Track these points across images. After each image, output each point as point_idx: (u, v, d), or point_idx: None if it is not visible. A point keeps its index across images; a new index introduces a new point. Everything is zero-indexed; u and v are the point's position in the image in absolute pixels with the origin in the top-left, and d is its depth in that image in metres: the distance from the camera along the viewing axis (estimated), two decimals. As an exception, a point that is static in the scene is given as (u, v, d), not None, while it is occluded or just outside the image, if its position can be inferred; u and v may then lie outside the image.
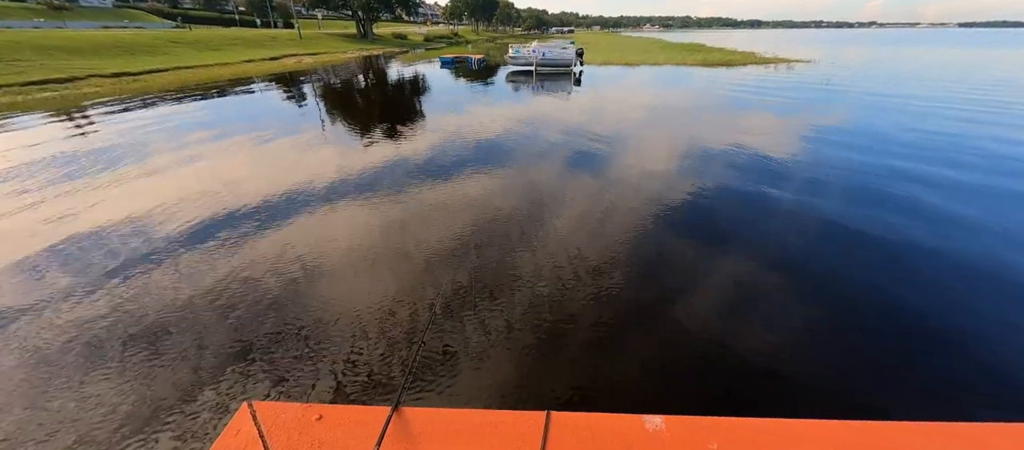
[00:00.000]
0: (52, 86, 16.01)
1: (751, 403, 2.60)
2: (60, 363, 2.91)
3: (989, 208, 5.32)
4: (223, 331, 3.18)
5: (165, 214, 5.24)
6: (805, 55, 31.32)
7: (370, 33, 50.58)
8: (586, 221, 4.98)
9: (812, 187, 6.06)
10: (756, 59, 26.78)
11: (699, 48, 35.65)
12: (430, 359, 2.87)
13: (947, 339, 3.11)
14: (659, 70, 22.45)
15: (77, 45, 22.08)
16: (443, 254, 4.26)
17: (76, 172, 6.82)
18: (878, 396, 2.63)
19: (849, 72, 21.00)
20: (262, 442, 1.36)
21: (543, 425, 1.41)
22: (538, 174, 6.72)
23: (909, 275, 3.90)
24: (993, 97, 13.52)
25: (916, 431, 1.35)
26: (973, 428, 1.37)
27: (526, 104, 13.46)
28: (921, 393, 2.66)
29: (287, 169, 6.94)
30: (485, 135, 9.19)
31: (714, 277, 3.85)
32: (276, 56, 30.34)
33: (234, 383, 2.71)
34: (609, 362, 2.86)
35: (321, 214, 5.22)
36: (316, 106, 13.09)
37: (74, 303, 3.55)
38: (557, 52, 22.43)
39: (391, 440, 1.38)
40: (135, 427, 2.43)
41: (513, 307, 3.41)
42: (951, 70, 21.94)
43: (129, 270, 4.03)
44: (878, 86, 16.25)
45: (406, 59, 32.59)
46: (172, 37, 29.49)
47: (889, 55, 34.10)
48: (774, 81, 17.70)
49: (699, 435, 1.37)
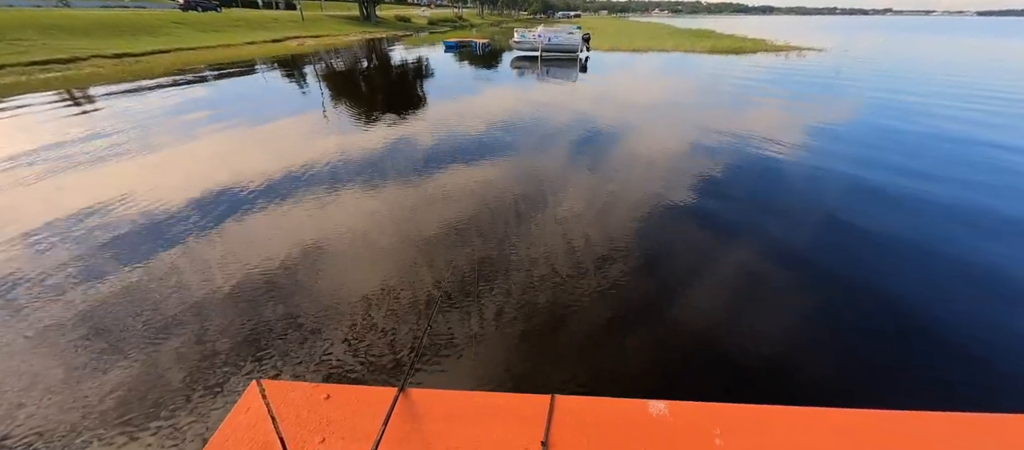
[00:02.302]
0: (55, 66, 15.94)
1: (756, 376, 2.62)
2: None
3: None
4: (232, 315, 3.22)
5: (169, 195, 5.26)
6: (817, 43, 30.61)
7: (373, 16, 49.75)
8: (591, 210, 4.96)
9: (819, 183, 5.99)
10: (767, 46, 26.19)
11: (708, 35, 34.89)
12: (436, 342, 2.90)
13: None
14: (667, 57, 22.04)
15: (79, 25, 21.88)
16: (449, 238, 4.26)
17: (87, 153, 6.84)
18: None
19: (861, 63, 20.54)
20: (272, 419, 1.38)
21: (547, 408, 1.43)
22: (544, 164, 6.68)
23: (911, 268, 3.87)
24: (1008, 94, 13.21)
25: (920, 420, 1.36)
26: (977, 419, 1.37)
27: (531, 91, 13.29)
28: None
29: (292, 153, 6.93)
30: (491, 123, 9.11)
31: (719, 266, 3.84)
32: (278, 38, 29.98)
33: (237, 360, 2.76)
34: (614, 349, 2.88)
35: (324, 197, 5.23)
36: (319, 90, 12.99)
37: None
38: (563, 37, 22.01)
39: (397, 420, 1.41)
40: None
41: (519, 291, 3.42)
42: (971, 63, 21.40)
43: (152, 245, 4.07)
44: (891, 82, 15.91)
45: (410, 43, 32.12)
46: (174, 17, 29.16)
47: (902, 45, 33.27)
48: (784, 70, 17.36)
49: (702, 421, 1.39)
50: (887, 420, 1.35)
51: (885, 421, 1.35)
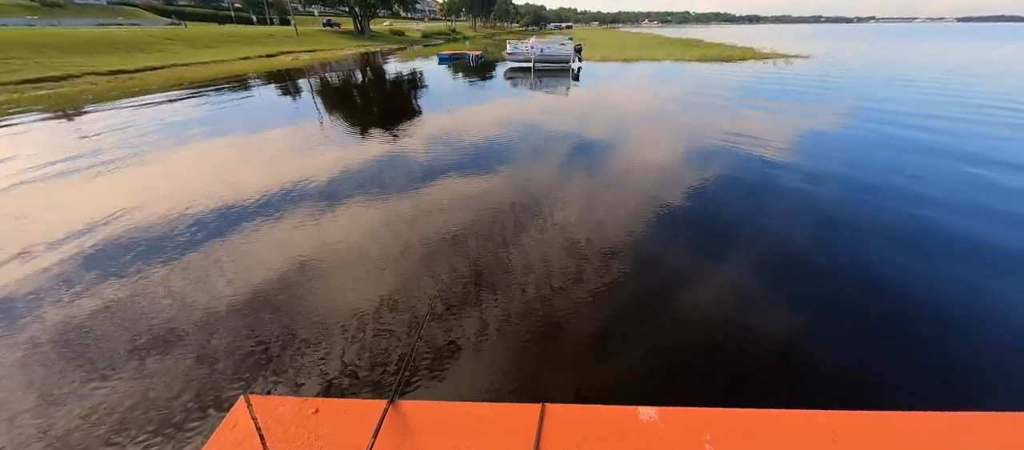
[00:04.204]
0: (47, 84, 15.89)
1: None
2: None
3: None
4: (232, 326, 3.19)
5: (168, 208, 5.23)
6: (803, 50, 31.28)
7: (367, 29, 50.26)
8: (584, 219, 4.99)
9: (808, 183, 6.08)
10: (754, 54, 26.72)
11: (697, 44, 35.56)
12: (427, 353, 2.88)
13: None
14: (657, 66, 22.40)
15: (72, 43, 21.90)
16: (440, 249, 4.26)
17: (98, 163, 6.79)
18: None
19: (846, 68, 20.98)
20: (259, 435, 1.37)
21: (538, 417, 1.43)
22: (536, 173, 6.72)
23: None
24: (983, 90, 13.55)
25: (905, 420, 1.37)
26: (961, 417, 1.39)
27: (524, 101, 13.42)
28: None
29: (287, 166, 6.93)
30: (484, 133, 9.18)
31: (713, 270, 3.87)
32: (272, 53, 30.17)
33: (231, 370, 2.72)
34: (605, 358, 2.88)
35: (319, 210, 5.22)
36: (314, 104, 13.04)
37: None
38: (555, 48, 22.34)
39: (387, 433, 1.39)
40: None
41: (509, 301, 3.42)
42: (947, 66, 21.94)
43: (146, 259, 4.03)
44: (874, 84, 16.26)
45: (404, 56, 32.42)
46: (167, 34, 29.27)
47: (885, 51, 34.07)
48: (772, 77, 17.69)
49: (692, 425, 1.39)
50: (873, 421, 1.36)
51: (870, 422, 1.36)
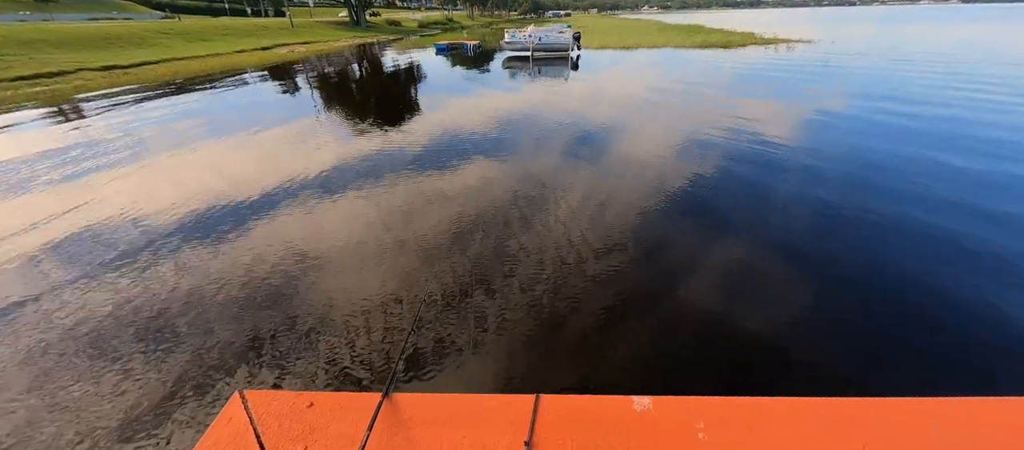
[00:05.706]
0: (41, 80, 15.78)
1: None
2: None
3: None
4: (227, 320, 3.20)
5: (173, 203, 5.22)
6: (805, 35, 30.84)
7: (363, 20, 49.62)
8: (583, 209, 4.96)
9: (808, 172, 6.03)
10: (756, 40, 26.37)
11: (698, 30, 35.08)
12: (421, 346, 2.89)
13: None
14: (658, 53, 22.12)
15: (65, 38, 21.71)
16: (435, 241, 4.25)
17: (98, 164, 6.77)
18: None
19: (848, 53, 20.71)
20: (253, 430, 1.37)
21: (532, 407, 1.42)
22: (535, 163, 6.68)
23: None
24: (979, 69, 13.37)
25: (903, 406, 1.36)
26: (959, 403, 1.38)
27: (523, 91, 13.30)
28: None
29: (285, 160, 6.90)
30: (482, 123, 9.11)
31: (713, 259, 3.86)
32: (268, 46, 29.86)
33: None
34: (604, 347, 2.89)
35: (315, 202, 5.20)
36: (311, 96, 12.94)
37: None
38: (554, 36, 22.06)
39: (382, 425, 1.40)
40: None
41: (506, 294, 3.42)
42: (946, 47, 21.63)
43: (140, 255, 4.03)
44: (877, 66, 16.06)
45: (400, 46, 32.06)
46: (161, 28, 28.98)
47: (889, 33, 33.58)
48: (772, 63, 17.47)
49: (687, 415, 1.38)
50: (870, 407, 1.36)
51: (868, 408, 1.35)
